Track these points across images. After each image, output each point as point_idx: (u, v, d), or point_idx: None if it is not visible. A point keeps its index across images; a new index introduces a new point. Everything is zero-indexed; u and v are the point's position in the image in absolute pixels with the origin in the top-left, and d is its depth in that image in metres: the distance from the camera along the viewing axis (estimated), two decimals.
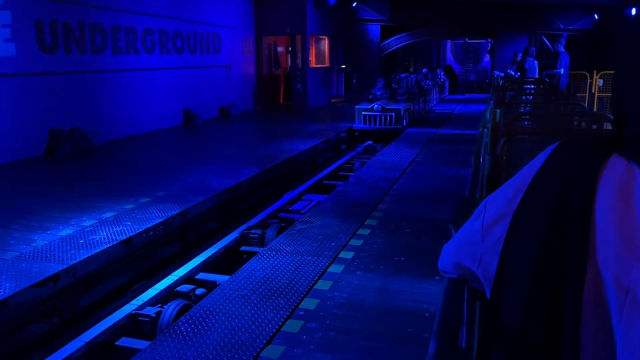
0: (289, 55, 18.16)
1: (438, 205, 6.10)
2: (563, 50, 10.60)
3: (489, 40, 26.23)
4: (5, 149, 8.63)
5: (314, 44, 18.07)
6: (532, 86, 7.53)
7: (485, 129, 5.56)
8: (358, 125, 12.66)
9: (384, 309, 3.61)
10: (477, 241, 0.82)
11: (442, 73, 22.41)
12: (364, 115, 12.46)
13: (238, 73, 16.21)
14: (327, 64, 19.29)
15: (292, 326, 3.36)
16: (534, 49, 11.61)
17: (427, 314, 3.48)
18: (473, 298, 1.31)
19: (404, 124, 12.41)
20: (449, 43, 34.12)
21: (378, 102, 12.48)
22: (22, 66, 8.88)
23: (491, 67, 23.33)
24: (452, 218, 1.48)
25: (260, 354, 3.03)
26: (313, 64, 17.94)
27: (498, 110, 4.74)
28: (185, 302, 4.34)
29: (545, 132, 3.81)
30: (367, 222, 5.50)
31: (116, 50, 11.06)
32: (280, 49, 18.81)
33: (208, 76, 14.61)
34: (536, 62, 11.26)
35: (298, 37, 17.09)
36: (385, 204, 6.16)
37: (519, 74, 11.17)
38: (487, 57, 31.20)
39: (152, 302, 4.45)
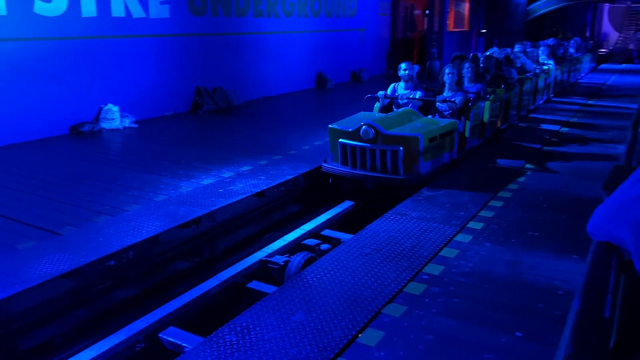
0: (426, 19, 17.58)
1: (581, 181, 5.64)
2: None
3: None
4: (159, 104, 9.52)
5: (453, 7, 17.30)
6: None
7: None
8: (331, 166, 5.90)
9: (513, 282, 3.47)
10: (634, 207, 0.75)
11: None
12: (343, 145, 5.72)
13: (372, 36, 16.07)
14: (465, 28, 18.41)
15: (415, 288, 3.36)
16: None
17: (560, 292, 3.28)
18: (620, 269, 1.21)
19: (427, 170, 5.61)
20: (606, 7, 30.68)
21: (368, 121, 5.55)
22: (174, 27, 9.61)
23: None
24: (604, 183, 1.37)
25: (382, 311, 3.07)
26: (451, 27, 17.22)
27: None
28: (311, 254, 4.53)
29: None
30: (501, 194, 5.26)
31: (257, 13, 11.52)
32: (417, 11, 18.28)
33: (342, 39, 14.69)
34: None
35: None
36: (522, 177, 5.83)
37: None
38: None
39: (280, 251, 4.72)
